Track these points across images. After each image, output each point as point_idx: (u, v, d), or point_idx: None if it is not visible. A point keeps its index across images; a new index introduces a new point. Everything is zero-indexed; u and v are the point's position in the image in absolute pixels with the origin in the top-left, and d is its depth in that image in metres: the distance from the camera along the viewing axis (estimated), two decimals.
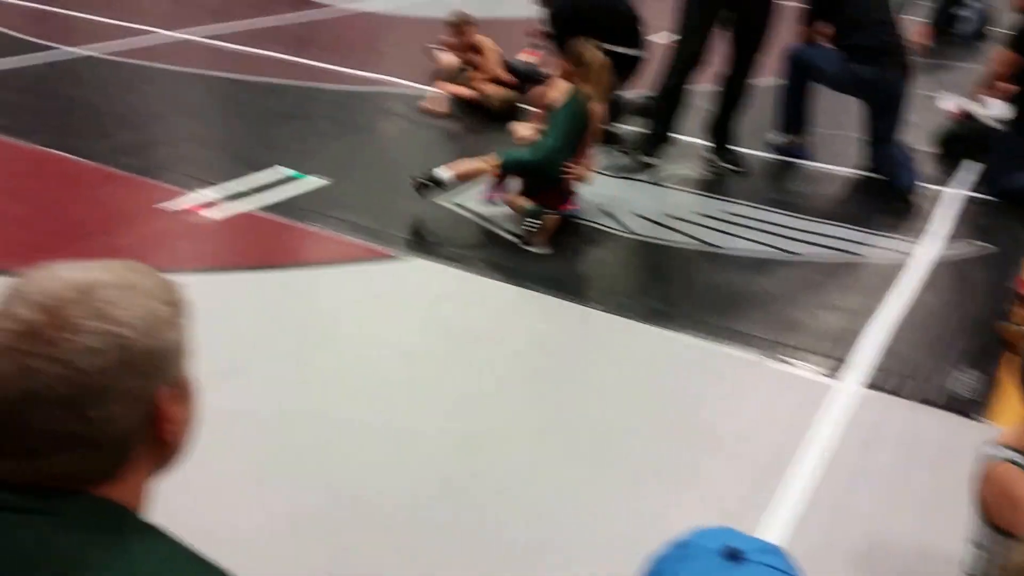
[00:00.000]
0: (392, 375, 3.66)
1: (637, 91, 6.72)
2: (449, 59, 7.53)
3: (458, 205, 5.23)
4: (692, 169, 6.09)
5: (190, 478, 3.00)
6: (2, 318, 1.06)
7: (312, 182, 5.41)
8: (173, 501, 3.02)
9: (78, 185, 5.28)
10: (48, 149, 5.70)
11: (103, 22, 9.24)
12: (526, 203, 4.98)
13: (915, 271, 4.74)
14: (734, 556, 1.39)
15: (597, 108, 5.17)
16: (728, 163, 6.15)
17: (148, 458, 1.15)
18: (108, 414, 1.06)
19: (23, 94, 6.87)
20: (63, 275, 1.09)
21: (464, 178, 5.18)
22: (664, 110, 6.17)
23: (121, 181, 5.31)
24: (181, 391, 1.17)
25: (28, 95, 6.85)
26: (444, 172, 5.08)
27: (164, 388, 1.12)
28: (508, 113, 6.78)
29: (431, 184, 5.06)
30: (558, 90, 5.28)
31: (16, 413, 1.03)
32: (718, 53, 6.00)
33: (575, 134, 5.13)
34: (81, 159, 5.57)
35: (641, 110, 6.68)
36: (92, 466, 1.09)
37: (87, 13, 9.59)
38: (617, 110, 6.55)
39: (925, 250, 4.99)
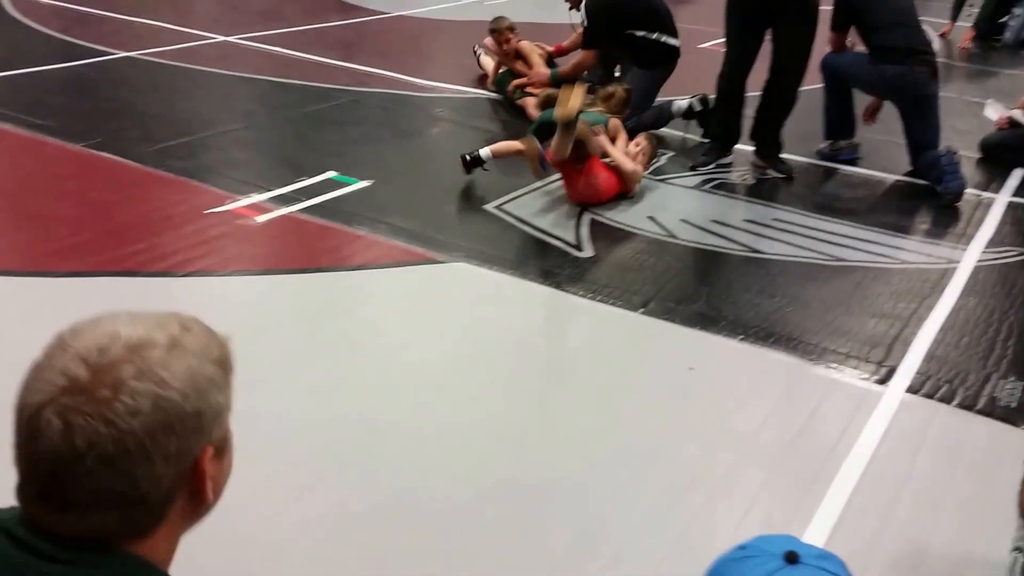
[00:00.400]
0: (435, 377, 3.67)
1: (691, 95, 6.69)
2: (491, 63, 7.51)
3: (501, 210, 5.24)
4: (740, 175, 6.00)
5: (233, 482, 3.01)
6: (52, 372, 1.07)
7: (358, 186, 5.42)
8: (217, 507, 3.01)
9: (126, 187, 5.32)
10: (96, 151, 5.76)
11: (150, 24, 9.34)
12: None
13: (960, 277, 4.67)
14: (792, 560, 1.42)
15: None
16: (776, 170, 6.05)
17: (184, 514, 1.17)
18: (151, 474, 1.08)
19: (70, 96, 6.96)
20: (114, 330, 1.10)
21: (499, 154, 5.67)
22: (719, 113, 6.30)
23: (169, 184, 5.34)
24: (221, 448, 1.19)
25: (75, 97, 6.95)
26: (484, 150, 5.67)
27: (207, 448, 1.14)
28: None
29: (474, 160, 5.60)
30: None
31: (62, 468, 1.05)
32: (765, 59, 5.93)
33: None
34: (129, 161, 5.63)
35: (696, 114, 6.70)
36: (131, 523, 1.10)
37: (133, 16, 9.70)
38: (665, 116, 6.65)
39: (970, 256, 4.92)
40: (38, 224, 4.77)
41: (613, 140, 5.70)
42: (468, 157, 5.59)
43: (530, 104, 6.87)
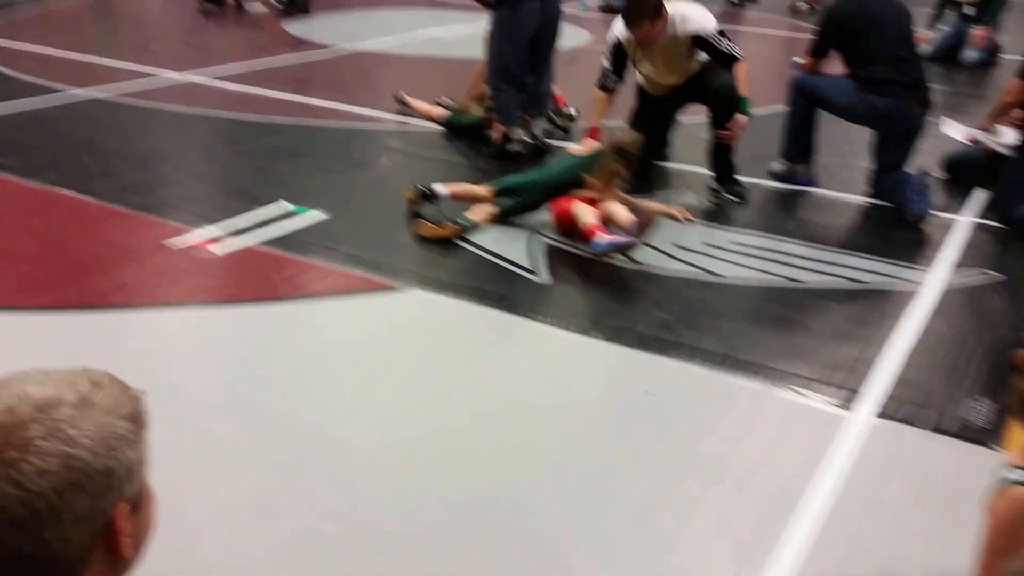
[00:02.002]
0: (393, 403, 3.57)
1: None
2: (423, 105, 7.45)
3: (459, 237, 5.08)
4: (697, 199, 5.90)
5: (192, 508, 2.94)
6: None
7: (313, 216, 5.32)
8: (177, 531, 2.90)
9: (86, 223, 5.21)
10: (57, 188, 5.64)
11: (110, 65, 9.19)
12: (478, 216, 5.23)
13: (926, 299, 4.60)
14: None
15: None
16: (731, 193, 5.96)
17: (101, 572, 1.11)
18: (62, 535, 1.04)
19: (32, 135, 6.82)
20: (23, 390, 1.07)
21: (458, 197, 5.42)
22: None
23: (128, 219, 5.24)
24: (137, 504, 1.12)
25: (37, 136, 6.80)
26: (441, 188, 5.41)
27: (120, 505, 1.08)
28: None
29: (427, 195, 5.35)
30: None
31: None
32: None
33: (567, 182, 5.30)
34: (89, 198, 5.52)
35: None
36: None
37: (94, 56, 9.57)
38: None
39: (935, 278, 4.86)
40: (2, 261, 4.65)
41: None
42: (423, 189, 5.36)
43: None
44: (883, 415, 3.57)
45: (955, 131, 6.76)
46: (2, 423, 1.03)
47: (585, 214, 5.00)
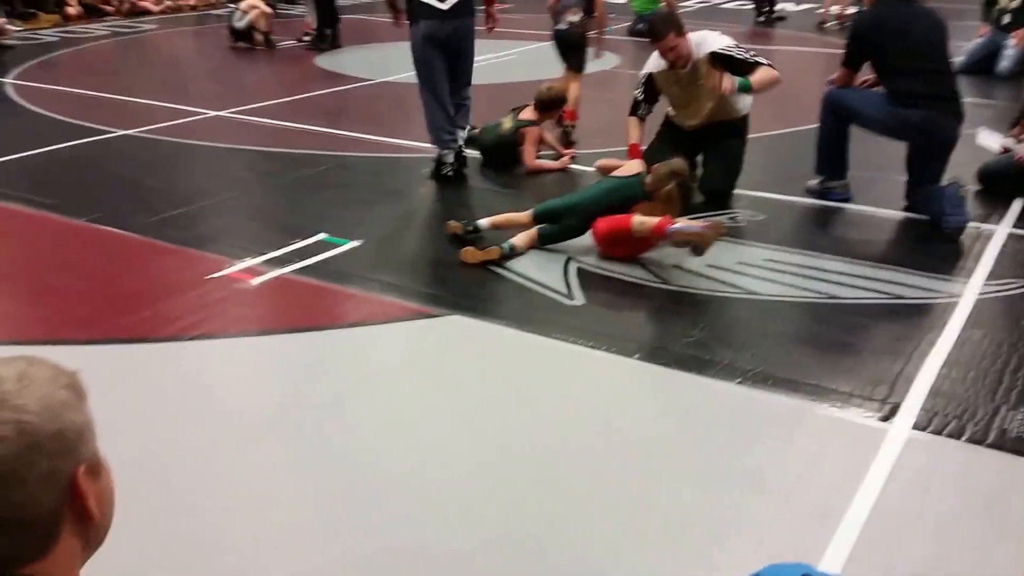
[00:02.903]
0: (433, 429, 3.60)
1: None
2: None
3: (494, 263, 5.13)
4: (730, 218, 5.90)
5: (238, 532, 2.96)
6: None
7: (350, 246, 5.39)
8: (226, 553, 2.93)
9: (128, 258, 5.31)
10: (98, 225, 5.75)
11: (145, 103, 9.32)
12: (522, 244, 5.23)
13: (962, 311, 4.56)
14: None
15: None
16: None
17: (74, 536, 1.17)
18: (29, 497, 1.10)
19: (72, 174, 6.97)
20: None
21: (498, 227, 5.43)
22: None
23: (169, 253, 5.32)
24: (92, 469, 1.18)
25: (77, 175, 6.95)
26: (483, 221, 5.46)
27: (80, 466, 1.15)
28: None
29: (473, 232, 5.40)
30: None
31: None
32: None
33: (608, 205, 5.28)
34: (130, 233, 5.61)
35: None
36: (24, 547, 1.12)
37: (129, 96, 9.70)
38: None
39: (972, 289, 4.80)
40: (49, 297, 4.78)
41: None
42: (469, 228, 5.40)
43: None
44: (922, 428, 3.55)
45: (991, 141, 6.68)
46: None
47: (648, 219, 5.07)
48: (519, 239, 5.24)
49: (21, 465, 1.08)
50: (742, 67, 5.97)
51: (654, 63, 6.25)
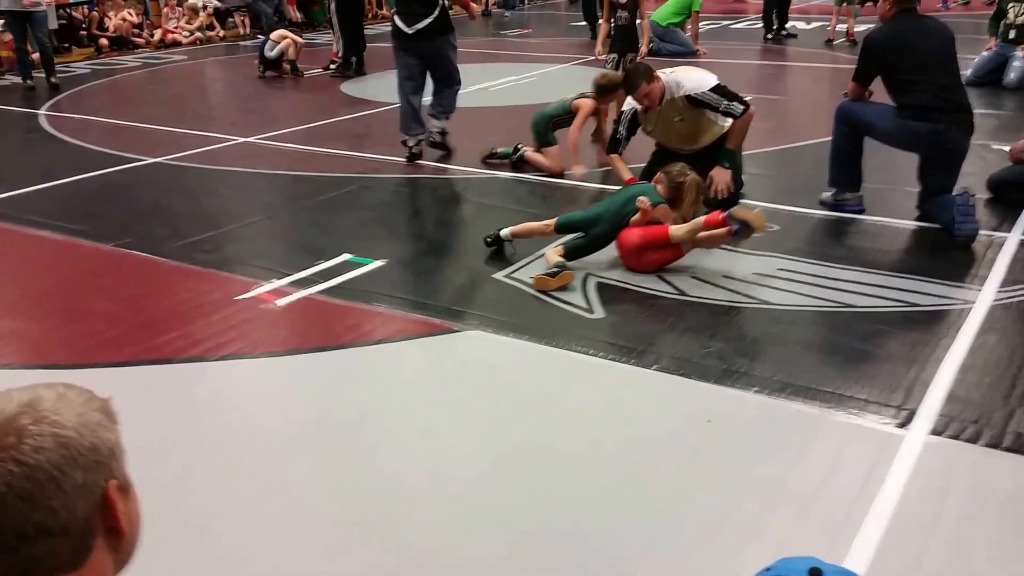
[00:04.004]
0: (458, 440, 3.60)
1: None
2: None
3: (511, 278, 5.18)
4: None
5: (267, 547, 2.95)
6: None
7: (373, 265, 5.40)
8: (249, 570, 2.91)
9: (157, 282, 5.34)
10: (129, 250, 5.77)
11: (174, 131, 9.38)
12: (557, 257, 5.13)
13: (976, 317, 4.52)
14: (818, 575, 1.41)
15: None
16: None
17: (106, 549, 1.22)
18: (66, 503, 1.15)
19: (103, 201, 7.02)
20: (6, 395, 1.20)
21: (519, 235, 5.52)
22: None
23: (197, 276, 5.35)
24: (122, 487, 1.24)
25: (108, 202, 7.00)
26: (505, 230, 5.53)
27: (111, 480, 1.20)
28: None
29: (495, 241, 5.50)
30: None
31: None
32: None
33: (630, 212, 5.27)
34: (159, 258, 5.64)
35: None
36: (60, 555, 1.16)
37: (158, 125, 9.76)
38: None
39: (985, 296, 4.76)
40: (80, 320, 4.80)
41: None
42: (491, 238, 5.53)
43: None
44: (939, 433, 3.51)
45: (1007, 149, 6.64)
46: None
47: (684, 225, 5.13)
48: (549, 256, 5.16)
49: (59, 473, 1.14)
50: (717, 113, 6.15)
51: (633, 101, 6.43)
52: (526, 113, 7.87)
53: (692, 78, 6.25)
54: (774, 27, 15.36)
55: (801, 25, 16.29)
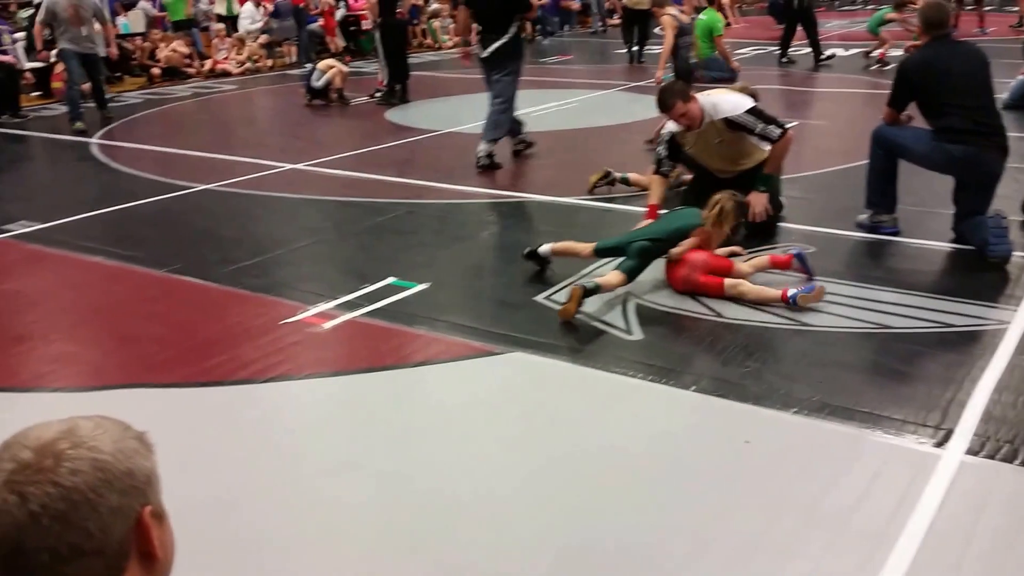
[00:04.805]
0: (499, 460, 3.63)
1: None
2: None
3: (550, 300, 5.21)
4: (781, 249, 5.79)
5: (313, 567, 2.98)
6: (3, 460, 1.19)
7: (417, 289, 5.45)
8: None
9: (207, 306, 5.43)
10: (179, 276, 5.87)
11: (224, 159, 9.55)
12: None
13: (1012, 337, 4.48)
14: None
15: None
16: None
17: (140, 573, 1.22)
18: (101, 526, 1.17)
19: (155, 228, 7.14)
20: (46, 424, 1.23)
21: (559, 253, 5.59)
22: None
23: (245, 300, 5.42)
24: (157, 514, 1.26)
25: (160, 228, 7.12)
26: (545, 247, 5.60)
27: (147, 506, 1.22)
28: None
29: (535, 256, 5.59)
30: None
31: (23, 534, 1.14)
32: None
33: (670, 239, 5.28)
34: (209, 283, 5.73)
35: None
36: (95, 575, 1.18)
37: (208, 152, 9.94)
38: None
39: (1020, 316, 4.72)
40: (133, 344, 4.88)
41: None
42: (530, 251, 5.62)
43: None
44: (975, 453, 3.49)
45: None
46: (35, 446, 1.18)
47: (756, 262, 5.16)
48: (607, 279, 5.09)
49: (95, 496, 1.16)
50: (753, 135, 6.15)
51: (673, 124, 6.36)
52: (567, 138, 7.89)
53: (728, 100, 6.26)
54: (813, 53, 15.38)
55: (840, 52, 16.24)
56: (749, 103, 6.20)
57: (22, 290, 5.81)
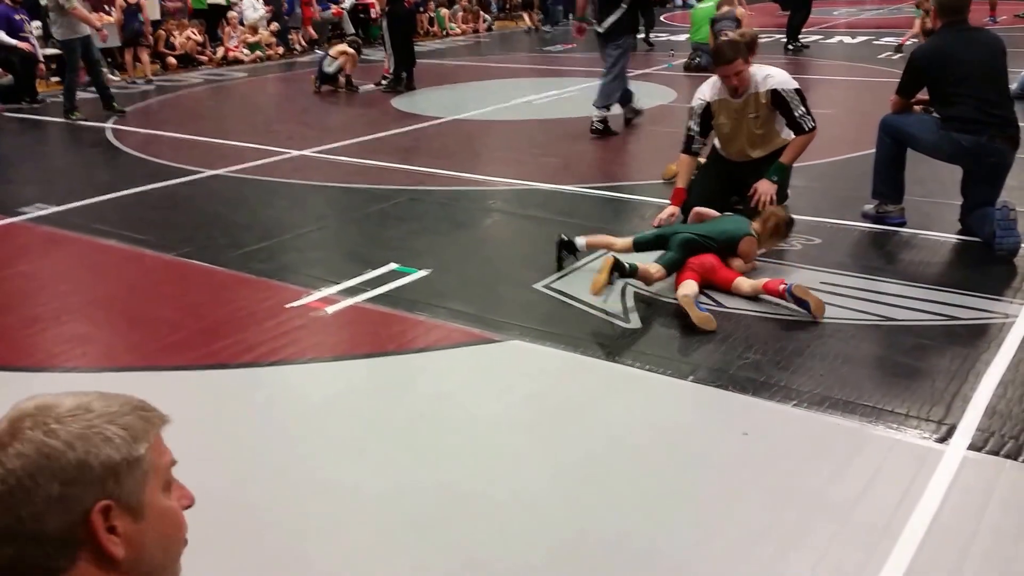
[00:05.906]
0: (500, 448, 3.56)
1: None
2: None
3: (550, 288, 5.14)
4: (788, 243, 5.74)
5: (315, 553, 2.93)
6: None
7: (418, 275, 5.39)
8: (303, 569, 2.89)
9: (216, 290, 5.38)
10: (189, 260, 5.83)
11: (233, 145, 9.51)
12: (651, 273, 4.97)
13: (1017, 332, 4.38)
14: None
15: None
16: None
17: (95, 568, 1.15)
18: (35, 513, 1.11)
19: (166, 212, 7.12)
20: (46, 397, 1.18)
21: (593, 246, 5.45)
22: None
23: (251, 284, 5.38)
24: (131, 509, 1.17)
25: (170, 213, 7.09)
26: (580, 239, 5.42)
27: (103, 502, 1.14)
28: None
29: (568, 246, 5.39)
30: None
31: None
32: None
33: (716, 240, 5.15)
34: (217, 267, 5.68)
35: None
36: (29, 561, 1.13)
37: (218, 139, 9.91)
38: None
39: None
40: (143, 325, 4.85)
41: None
42: (565, 240, 5.39)
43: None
44: (978, 448, 3.41)
45: None
46: (13, 418, 1.15)
47: (752, 283, 4.92)
48: (647, 268, 4.96)
49: (31, 482, 1.11)
50: (790, 117, 5.93)
51: (709, 91, 6.08)
52: (566, 125, 7.80)
53: (781, 74, 6.04)
54: (795, 42, 15.33)
55: (847, 39, 16.11)
56: (797, 85, 6.00)
57: (37, 271, 5.79)
